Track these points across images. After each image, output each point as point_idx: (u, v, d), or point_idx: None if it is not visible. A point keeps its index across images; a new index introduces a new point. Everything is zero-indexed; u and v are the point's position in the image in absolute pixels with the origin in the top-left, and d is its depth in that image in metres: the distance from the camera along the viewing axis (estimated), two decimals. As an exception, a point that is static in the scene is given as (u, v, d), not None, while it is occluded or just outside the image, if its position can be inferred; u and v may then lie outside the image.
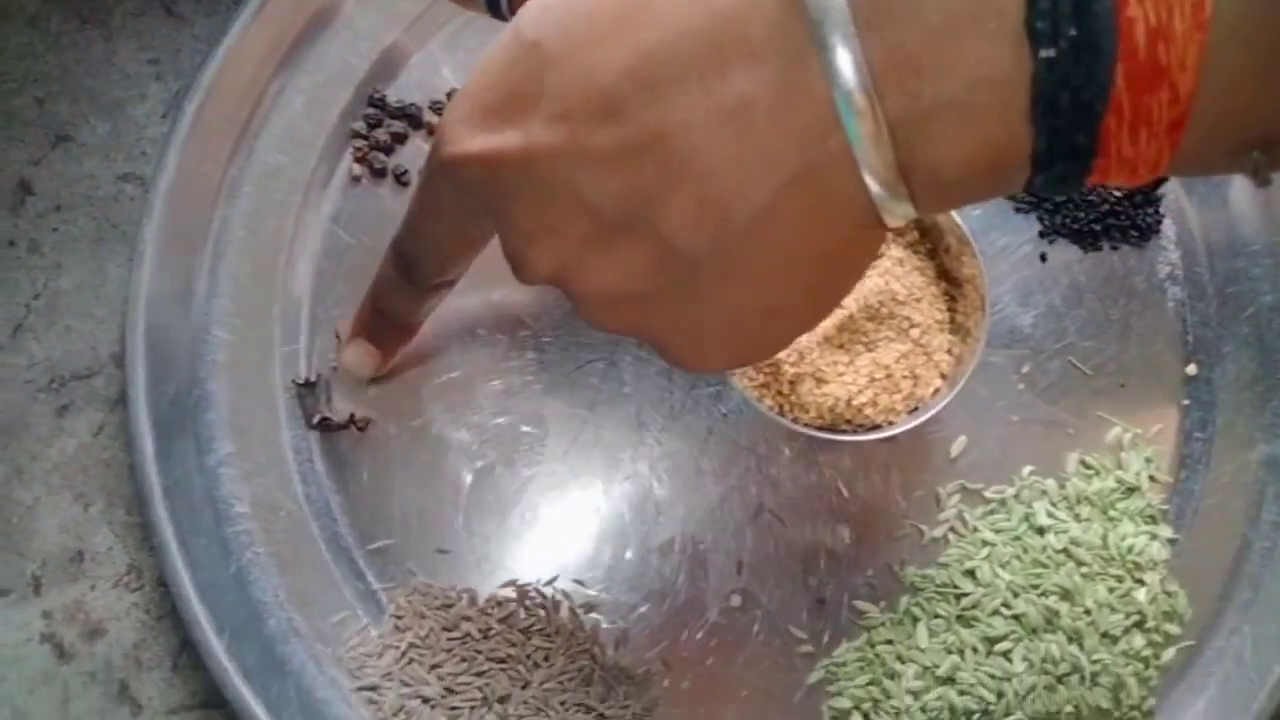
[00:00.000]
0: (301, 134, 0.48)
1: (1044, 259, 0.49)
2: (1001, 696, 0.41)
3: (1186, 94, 0.23)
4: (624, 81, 0.27)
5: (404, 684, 0.41)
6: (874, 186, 0.26)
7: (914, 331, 0.43)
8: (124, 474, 0.45)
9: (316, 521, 0.44)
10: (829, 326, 0.43)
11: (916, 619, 0.43)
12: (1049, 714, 0.41)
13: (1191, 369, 0.48)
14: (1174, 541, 0.45)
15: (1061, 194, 0.49)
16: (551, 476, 0.45)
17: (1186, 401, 0.48)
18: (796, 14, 0.25)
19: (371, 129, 0.49)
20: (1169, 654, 0.43)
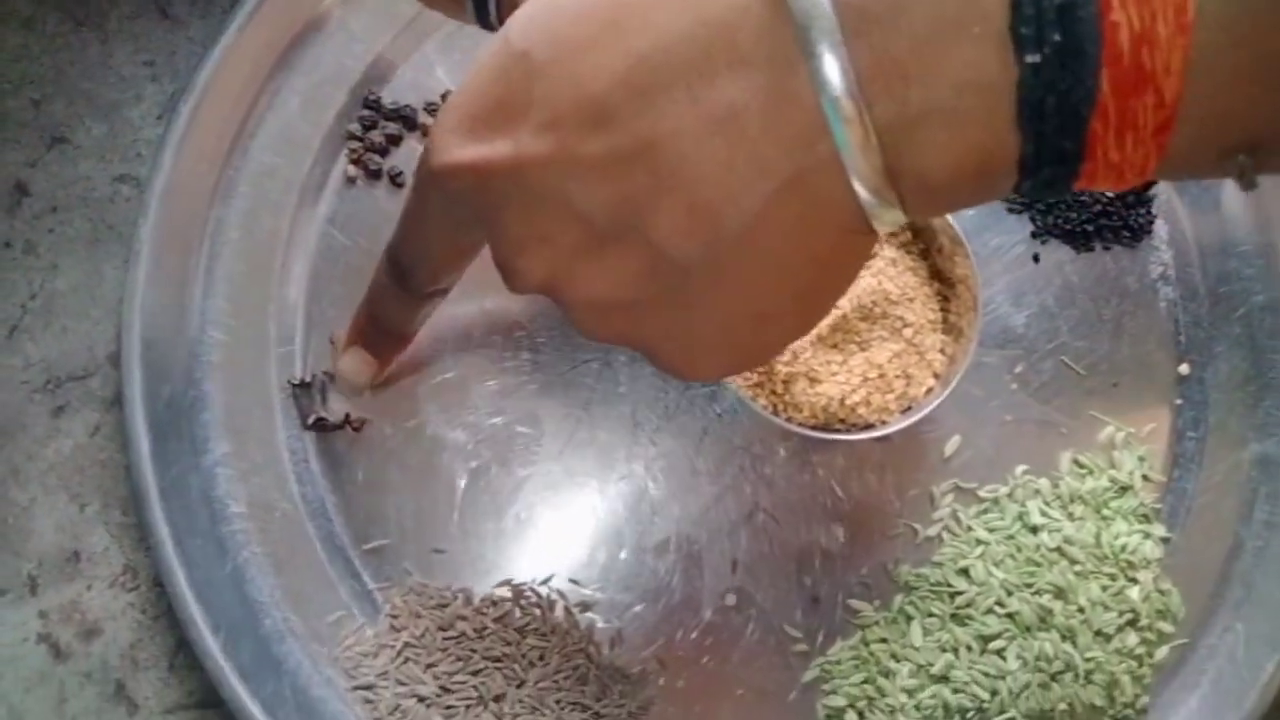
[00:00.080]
0: (297, 135, 0.48)
1: (1036, 259, 0.49)
2: (995, 694, 0.42)
3: (1172, 98, 0.24)
4: (613, 90, 0.27)
5: (399, 683, 0.42)
6: (863, 192, 0.26)
7: (907, 331, 0.43)
8: (120, 474, 0.45)
9: (312, 521, 0.44)
10: (822, 326, 0.43)
11: (911, 617, 0.43)
12: (1043, 712, 0.41)
13: (1184, 368, 0.48)
14: (1167, 540, 0.45)
15: (1049, 198, 0.49)
16: (546, 476, 0.45)
17: (1179, 401, 0.48)
18: (784, 21, 0.25)
19: (366, 131, 0.49)
20: (1162, 652, 0.43)
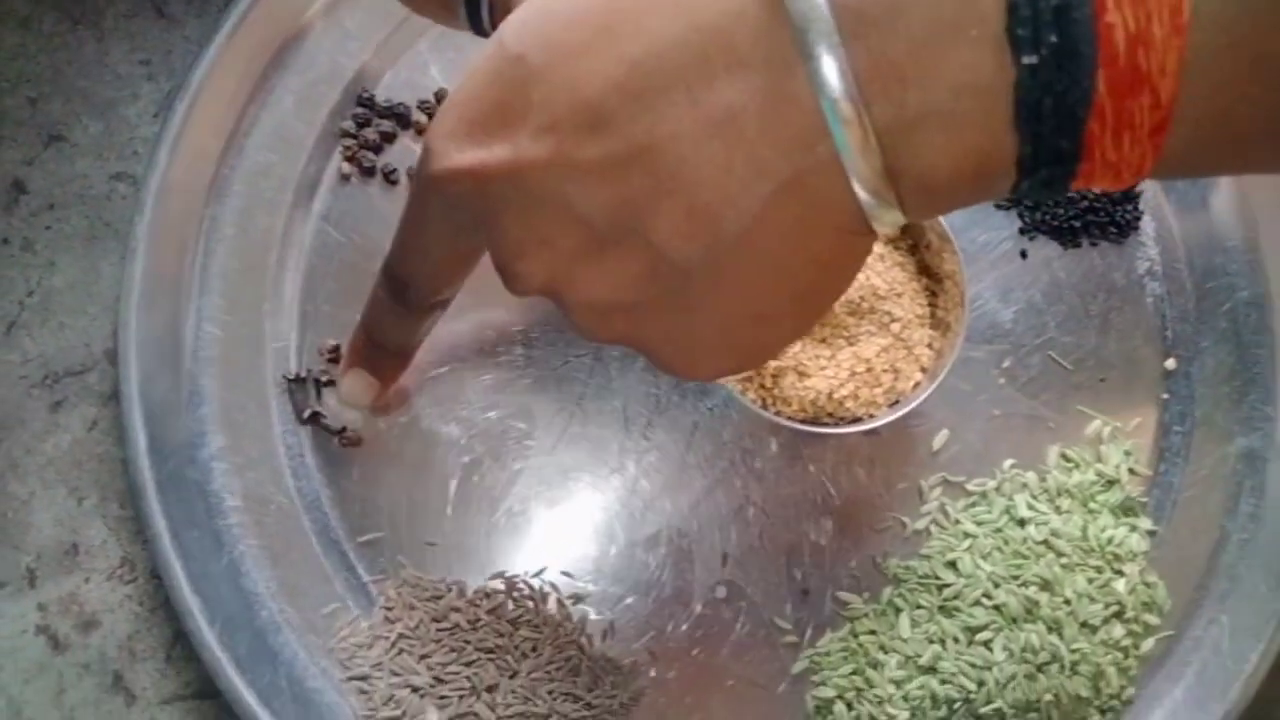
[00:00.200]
0: (291, 133, 0.49)
1: (1024, 255, 0.49)
2: (982, 685, 0.42)
3: (1168, 99, 0.24)
4: (611, 93, 0.26)
5: (394, 674, 0.42)
6: (862, 194, 0.26)
7: (895, 326, 0.44)
8: (117, 468, 0.45)
9: (307, 515, 0.44)
10: (811, 320, 0.43)
11: (899, 609, 0.44)
12: (1029, 702, 0.42)
13: (1170, 363, 0.48)
14: (1153, 533, 0.46)
15: (1047, 198, 0.49)
16: (539, 471, 0.45)
17: (1165, 395, 0.48)
18: (781, 24, 0.25)
19: (360, 128, 0.49)
20: (1148, 644, 0.44)
